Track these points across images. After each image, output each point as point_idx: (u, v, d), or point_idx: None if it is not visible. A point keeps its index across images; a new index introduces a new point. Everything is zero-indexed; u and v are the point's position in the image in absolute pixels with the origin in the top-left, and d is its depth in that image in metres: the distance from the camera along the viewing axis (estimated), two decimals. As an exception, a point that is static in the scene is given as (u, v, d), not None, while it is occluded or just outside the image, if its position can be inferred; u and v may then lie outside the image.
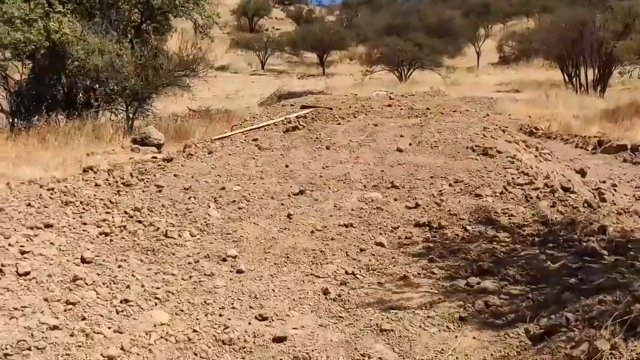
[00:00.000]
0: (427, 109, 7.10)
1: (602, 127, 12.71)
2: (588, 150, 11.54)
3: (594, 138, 11.96)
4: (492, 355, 2.95)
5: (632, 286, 2.99)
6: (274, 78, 31.43)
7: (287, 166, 5.74)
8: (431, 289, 3.63)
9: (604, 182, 6.52)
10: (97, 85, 11.65)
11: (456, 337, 3.09)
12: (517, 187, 5.10)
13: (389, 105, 7.42)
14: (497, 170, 5.41)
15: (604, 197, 5.16)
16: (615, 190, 6.14)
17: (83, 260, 3.60)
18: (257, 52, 37.28)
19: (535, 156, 6.32)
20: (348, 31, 39.51)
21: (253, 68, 36.62)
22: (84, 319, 3.04)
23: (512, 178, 5.25)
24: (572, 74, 21.76)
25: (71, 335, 2.88)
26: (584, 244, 3.97)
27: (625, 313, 2.65)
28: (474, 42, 37.56)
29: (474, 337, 3.07)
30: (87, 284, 3.35)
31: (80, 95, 12.15)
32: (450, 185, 5.20)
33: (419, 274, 3.83)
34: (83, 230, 4.07)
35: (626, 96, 17.80)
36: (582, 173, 6.55)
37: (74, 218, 4.23)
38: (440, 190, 5.11)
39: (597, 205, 4.80)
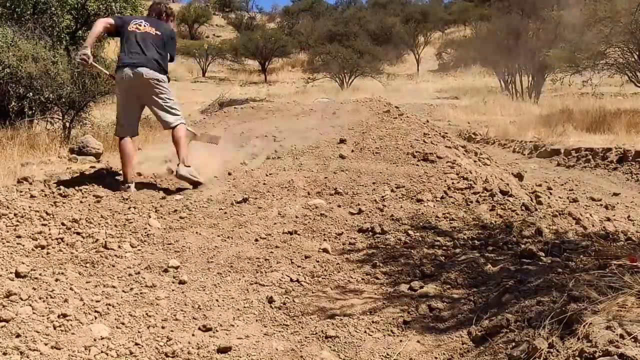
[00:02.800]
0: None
1: (537, 132, 13.15)
2: (524, 154, 11.92)
3: (529, 143, 12.37)
4: (436, 358, 2.98)
5: (568, 286, 3.09)
6: (216, 85, 31.23)
7: (229, 174, 5.69)
8: (375, 294, 3.65)
9: (540, 185, 6.74)
10: (31, 94, 11.29)
11: (401, 341, 3.12)
12: (457, 191, 5.20)
13: (333, 113, 7.47)
14: (437, 175, 5.51)
15: (540, 200, 5.33)
16: (550, 193, 6.36)
17: (17, 275, 3.47)
18: (198, 60, 36.93)
19: (475, 161, 6.47)
20: (289, 38, 39.63)
21: (194, 75, 36.30)
22: (18, 336, 2.92)
23: (452, 183, 5.35)
24: (508, 81, 22.48)
25: (4, 354, 2.76)
26: (522, 246, 4.08)
27: (562, 312, 2.73)
28: (414, 50, 38.26)
29: (418, 341, 3.10)
30: (21, 299, 3.22)
31: (13, 103, 11.75)
32: (392, 191, 5.27)
33: (362, 279, 3.86)
34: (17, 244, 3.91)
35: (558, 102, 18.50)
36: (519, 177, 6.75)
37: (7, 231, 4.07)
38: (382, 196, 5.16)
39: (534, 208, 4.95)
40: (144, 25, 5.53)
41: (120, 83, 5.42)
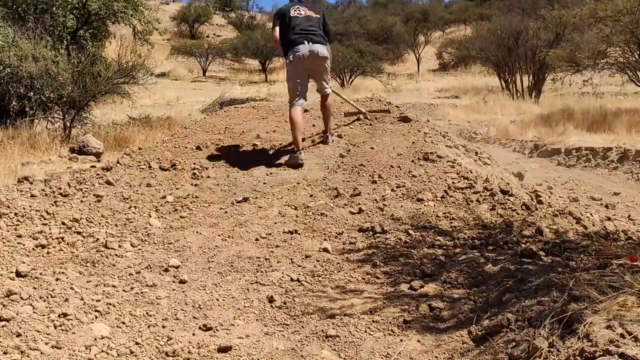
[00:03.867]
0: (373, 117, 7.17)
1: (537, 132, 13.14)
2: (525, 154, 11.92)
3: (530, 142, 12.37)
4: (436, 357, 2.98)
5: (568, 286, 3.08)
6: (216, 85, 31.23)
7: (229, 175, 5.69)
8: (375, 293, 3.65)
9: (540, 184, 6.74)
10: (32, 93, 11.29)
11: (401, 340, 3.12)
12: (458, 191, 5.20)
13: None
14: (437, 174, 5.50)
15: (541, 200, 5.32)
16: (551, 192, 6.35)
17: (18, 274, 3.47)
18: (198, 59, 36.91)
19: (475, 160, 6.47)
20: (290, 38, 39.49)
21: (194, 75, 36.29)
22: (18, 335, 2.92)
23: (453, 182, 5.35)
24: (509, 81, 22.47)
25: (5, 353, 2.76)
26: (523, 245, 4.08)
27: (562, 312, 2.73)
28: (414, 49, 38.23)
29: (418, 341, 3.10)
30: (22, 298, 3.23)
31: (14, 103, 11.75)
32: (392, 190, 5.26)
33: (363, 279, 3.86)
34: (18, 243, 3.92)
35: (559, 102, 18.49)
36: (519, 176, 6.75)
37: (8, 230, 4.08)
38: (383, 196, 5.16)
39: (534, 207, 4.94)
40: (304, 10, 6.28)
41: (297, 60, 6.08)
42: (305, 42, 6.06)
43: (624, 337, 2.42)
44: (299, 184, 5.47)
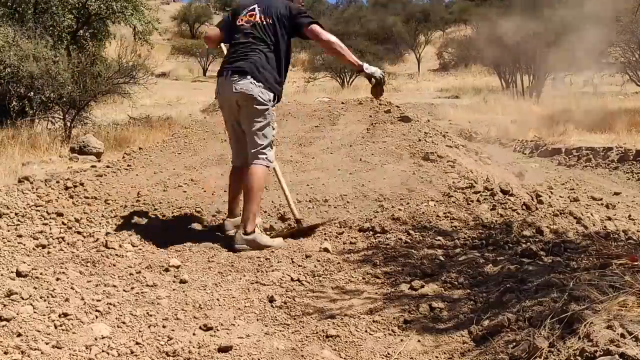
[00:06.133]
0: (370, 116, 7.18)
1: (537, 132, 13.14)
2: (525, 154, 11.91)
3: (530, 142, 12.37)
4: (437, 357, 2.98)
5: (568, 286, 3.08)
6: (217, 85, 31.17)
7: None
8: (376, 293, 3.65)
9: (540, 184, 6.73)
10: (32, 93, 11.30)
11: (402, 340, 3.12)
12: (458, 191, 5.20)
13: (331, 112, 7.47)
14: (438, 174, 5.50)
15: (541, 200, 5.32)
16: (551, 192, 6.34)
17: (19, 274, 3.47)
18: (199, 59, 36.90)
19: (475, 160, 6.47)
20: (290, 38, 39.53)
21: (195, 75, 36.30)
22: (19, 335, 2.92)
23: (453, 182, 5.35)
24: (509, 80, 22.45)
25: (5, 353, 2.76)
26: (523, 245, 4.08)
27: (563, 312, 2.73)
28: (415, 49, 38.22)
29: (418, 341, 3.10)
30: (22, 298, 3.22)
31: (15, 103, 11.77)
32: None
33: (363, 279, 3.85)
34: (18, 243, 3.92)
35: (559, 102, 18.48)
36: (520, 176, 6.75)
37: (8, 230, 4.08)
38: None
39: (534, 207, 4.94)
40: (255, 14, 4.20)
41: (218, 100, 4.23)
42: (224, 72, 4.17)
43: (625, 337, 2.42)
44: (299, 183, 5.46)
